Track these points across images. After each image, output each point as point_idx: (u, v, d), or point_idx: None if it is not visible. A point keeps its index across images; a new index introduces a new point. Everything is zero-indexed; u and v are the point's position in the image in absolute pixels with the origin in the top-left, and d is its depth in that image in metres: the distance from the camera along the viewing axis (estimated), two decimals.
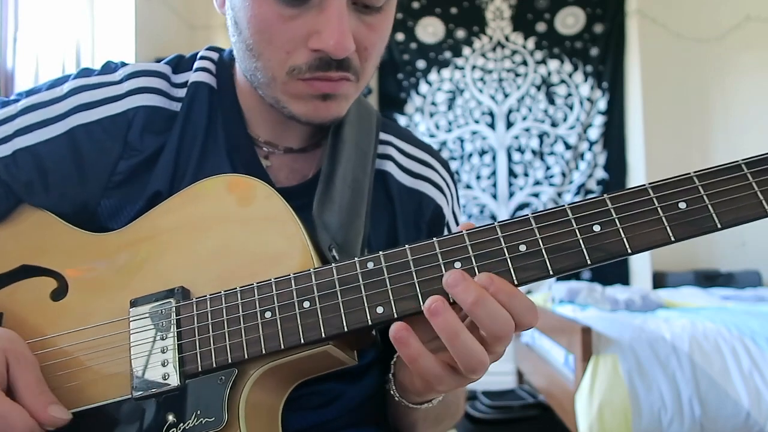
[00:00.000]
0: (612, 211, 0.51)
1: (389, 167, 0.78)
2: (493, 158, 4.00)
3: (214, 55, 0.76)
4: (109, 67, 0.72)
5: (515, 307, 0.49)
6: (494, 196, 3.99)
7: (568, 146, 3.97)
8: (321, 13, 0.60)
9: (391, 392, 0.65)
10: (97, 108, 0.68)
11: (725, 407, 2.04)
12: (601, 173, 3.97)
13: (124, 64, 0.73)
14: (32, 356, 0.55)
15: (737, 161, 0.50)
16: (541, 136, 3.99)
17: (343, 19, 0.60)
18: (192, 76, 0.73)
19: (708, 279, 3.69)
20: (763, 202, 0.48)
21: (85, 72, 0.71)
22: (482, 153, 4.01)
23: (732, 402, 2.04)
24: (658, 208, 0.50)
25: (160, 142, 0.69)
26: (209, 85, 0.73)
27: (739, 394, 2.05)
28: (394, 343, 0.50)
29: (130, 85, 0.70)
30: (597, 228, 0.50)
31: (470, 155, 4.01)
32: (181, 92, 0.72)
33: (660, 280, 3.81)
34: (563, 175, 3.97)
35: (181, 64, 0.75)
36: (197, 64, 0.75)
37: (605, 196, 0.51)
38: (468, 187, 4.00)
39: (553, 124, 3.99)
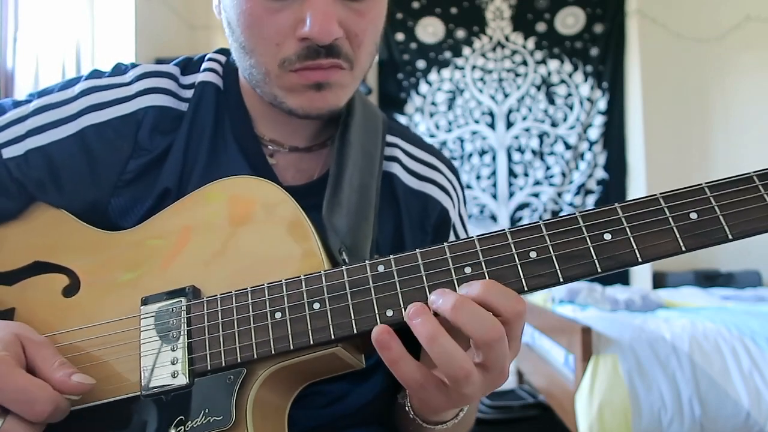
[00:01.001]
0: (623, 219, 0.50)
1: (395, 169, 0.78)
2: (493, 158, 4.01)
3: (222, 57, 0.78)
4: (119, 69, 0.74)
5: (493, 301, 0.48)
6: (494, 196, 3.99)
7: (568, 146, 3.98)
8: (305, 1, 0.61)
9: (406, 408, 0.64)
10: (108, 108, 0.69)
11: (725, 407, 2.04)
12: (601, 173, 3.97)
13: (134, 66, 0.74)
14: (45, 338, 0.55)
15: (749, 173, 0.50)
16: (541, 136, 3.99)
17: (328, 5, 0.61)
18: (199, 77, 0.74)
19: (708, 279, 3.70)
20: None
21: (96, 73, 0.72)
22: (482, 153, 4.01)
23: (732, 402, 2.05)
24: (670, 218, 0.50)
25: (168, 142, 0.70)
26: (216, 85, 0.74)
27: (739, 394, 2.05)
28: (376, 346, 0.49)
29: (140, 86, 0.71)
30: (608, 236, 0.50)
31: (470, 155, 4.01)
32: (189, 93, 0.73)
33: (660, 280, 3.81)
34: (563, 175, 3.97)
35: (189, 65, 0.76)
36: (205, 65, 0.76)
37: (616, 205, 0.51)
38: (468, 187, 3.99)
39: (553, 124, 3.99)
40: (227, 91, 0.74)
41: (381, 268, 0.54)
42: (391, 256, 0.54)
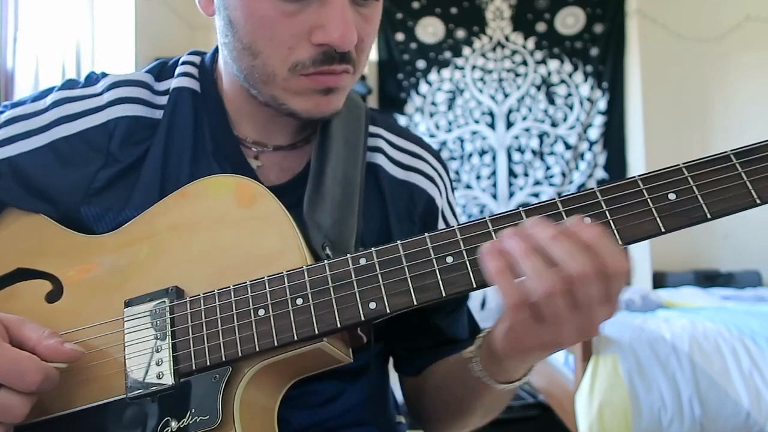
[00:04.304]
0: (602, 203, 0.51)
1: (380, 160, 0.78)
2: (493, 158, 4.00)
3: (196, 59, 0.76)
4: (90, 79, 0.73)
5: (599, 249, 0.47)
6: (494, 196, 3.99)
7: (568, 146, 3.97)
8: (323, 7, 0.60)
9: (474, 371, 0.62)
10: (79, 120, 0.69)
11: (725, 407, 2.04)
12: (601, 173, 3.96)
13: (104, 75, 0.73)
14: (24, 317, 0.55)
15: (726, 152, 0.50)
16: (541, 136, 3.99)
17: (346, 11, 0.60)
18: (174, 82, 0.73)
19: (708, 279, 3.68)
20: (752, 191, 0.49)
21: (70, 84, 0.72)
22: (482, 153, 4.00)
23: (732, 402, 2.04)
24: (648, 200, 0.50)
25: (141, 151, 0.69)
26: (192, 89, 0.73)
27: (739, 394, 2.05)
28: (483, 257, 0.48)
29: (111, 95, 0.70)
30: (587, 220, 0.51)
31: (470, 155, 4.01)
32: (164, 99, 0.72)
33: (660, 280, 3.80)
34: (563, 175, 3.96)
35: (163, 71, 0.75)
36: (179, 69, 0.74)
37: (595, 188, 0.51)
38: (468, 187, 3.99)
39: (553, 124, 3.99)
40: (205, 95, 0.73)
41: (363, 261, 0.54)
42: (373, 249, 0.54)
